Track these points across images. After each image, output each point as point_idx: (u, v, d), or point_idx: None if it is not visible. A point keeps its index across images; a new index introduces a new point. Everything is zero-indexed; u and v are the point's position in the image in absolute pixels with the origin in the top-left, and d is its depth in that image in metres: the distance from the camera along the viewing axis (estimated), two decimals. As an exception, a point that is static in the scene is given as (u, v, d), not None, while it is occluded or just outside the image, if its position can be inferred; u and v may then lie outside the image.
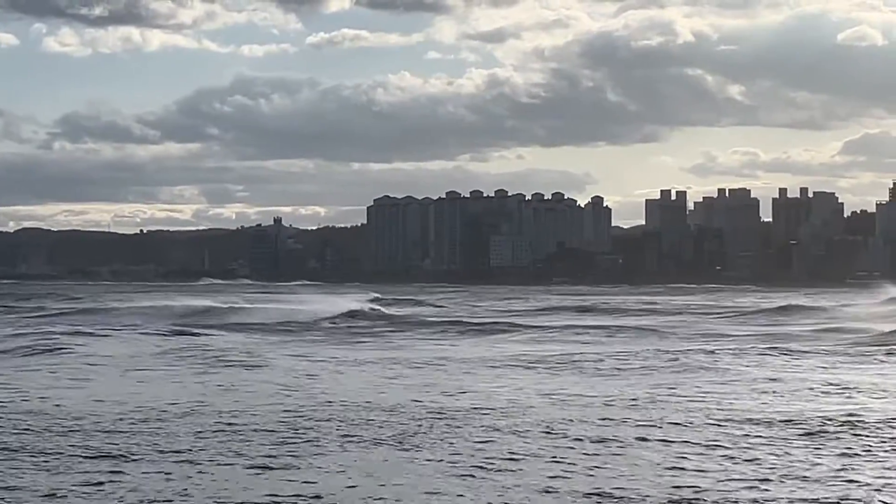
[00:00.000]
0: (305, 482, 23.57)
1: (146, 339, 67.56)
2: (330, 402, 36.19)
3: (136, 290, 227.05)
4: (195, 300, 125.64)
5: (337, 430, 30.27)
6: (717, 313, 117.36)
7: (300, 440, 28.84)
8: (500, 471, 24.61)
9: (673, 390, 39.44)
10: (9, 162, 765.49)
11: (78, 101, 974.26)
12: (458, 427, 30.47)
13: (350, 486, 23.11)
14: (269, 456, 26.64)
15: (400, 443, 28.30)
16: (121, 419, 32.26)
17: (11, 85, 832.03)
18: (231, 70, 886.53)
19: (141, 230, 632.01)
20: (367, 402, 35.92)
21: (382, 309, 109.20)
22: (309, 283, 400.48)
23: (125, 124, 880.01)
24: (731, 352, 55.83)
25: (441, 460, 25.85)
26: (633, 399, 37.00)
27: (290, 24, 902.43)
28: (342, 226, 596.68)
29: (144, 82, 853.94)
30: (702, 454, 26.72)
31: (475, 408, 34.52)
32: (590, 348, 59.97)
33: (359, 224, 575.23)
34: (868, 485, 23.42)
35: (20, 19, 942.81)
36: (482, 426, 30.70)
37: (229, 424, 31.23)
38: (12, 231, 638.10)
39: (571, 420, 31.92)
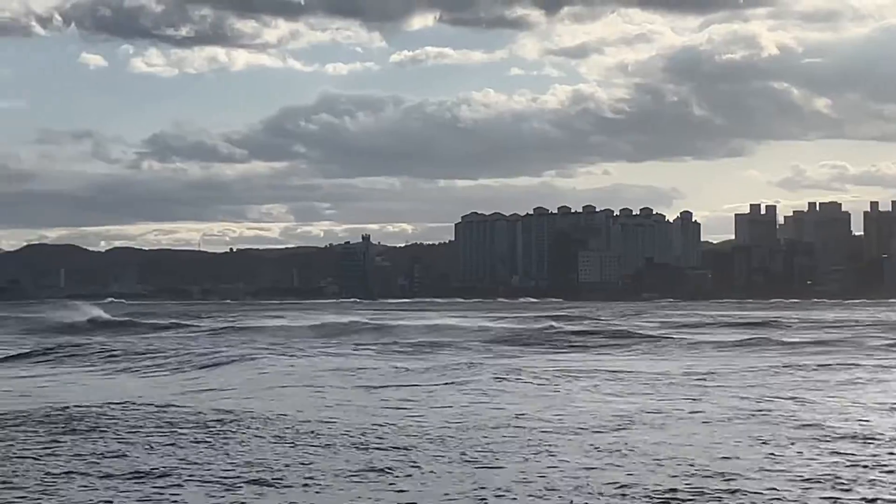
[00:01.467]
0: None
1: (375, 354, 67.87)
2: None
3: (274, 309, 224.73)
4: (351, 317, 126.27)
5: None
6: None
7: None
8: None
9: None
10: (99, 182, 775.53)
11: (165, 120, 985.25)
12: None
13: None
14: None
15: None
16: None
17: (100, 105, 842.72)
18: (316, 88, 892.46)
19: (230, 249, 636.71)
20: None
21: (563, 325, 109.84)
22: (404, 300, 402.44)
23: (212, 143, 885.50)
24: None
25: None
26: None
27: (374, 43, 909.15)
28: (430, 242, 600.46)
29: (230, 101, 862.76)
30: None
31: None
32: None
33: (447, 241, 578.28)
34: None
35: (108, 41, 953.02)
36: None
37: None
38: (104, 251, 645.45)
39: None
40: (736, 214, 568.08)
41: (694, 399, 40.36)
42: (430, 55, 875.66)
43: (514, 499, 22.06)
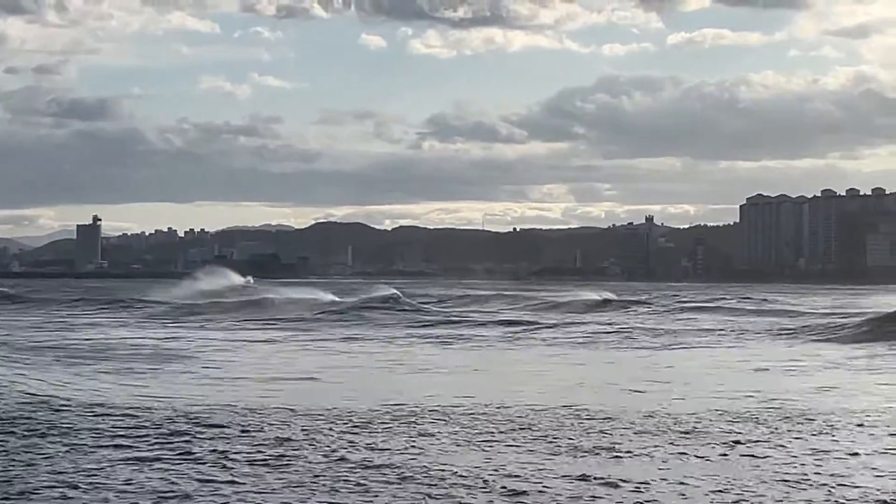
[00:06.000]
0: None
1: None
2: None
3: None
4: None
5: None
6: None
7: None
8: None
9: None
10: (382, 161, 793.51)
11: (445, 101, 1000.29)
12: None
13: None
14: None
15: None
16: None
17: (380, 86, 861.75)
18: (593, 70, 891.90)
19: (514, 228, 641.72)
20: None
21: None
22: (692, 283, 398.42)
23: (491, 124, 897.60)
24: None
25: None
26: None
27: (651, 24, 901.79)
28: (714, 224, 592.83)
29: (508, 82, 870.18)
30: None
31: None
32: None
33: (731, 223, 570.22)
34: None
35: (386, 22, 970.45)
36: None
37: None
38: (389, 229, 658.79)
39: None
40: None
41: None
42: (707, 37, 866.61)
43: None
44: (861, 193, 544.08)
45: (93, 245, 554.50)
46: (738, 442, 26.07)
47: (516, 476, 21.64)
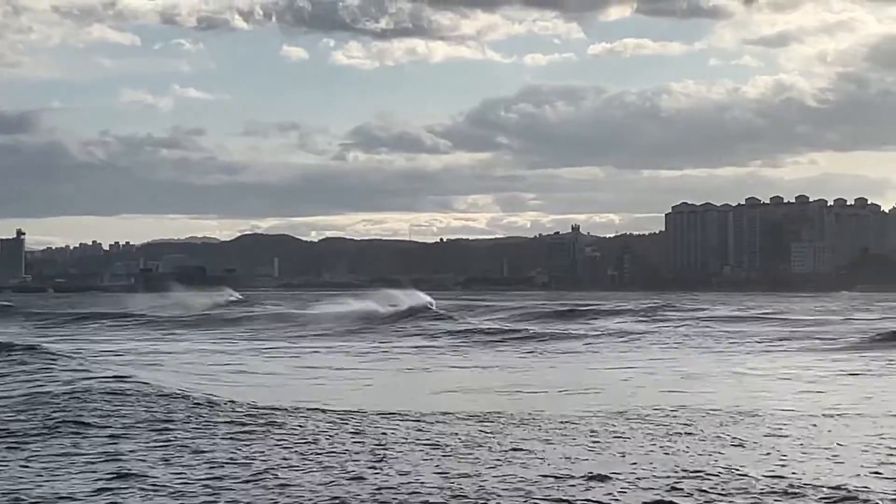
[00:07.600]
0: None
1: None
2: None
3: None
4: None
5: None
6: None
7: None
8: None
9: None
10: (307, 173, 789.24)
11: (368, 112, 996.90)
12: None
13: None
14: None
15: None
16: None
17: (303, 97, 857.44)
18: (515, 80, 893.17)
19: (440, 239, 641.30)
20: None
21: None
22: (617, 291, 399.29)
23: (416, 134, 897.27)
24: None
25: None
26: None
27: (572, 34, 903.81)
28: (639, 233, 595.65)
29: (431, 93, 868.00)
30: None
31: None
32: None
33: (656, 231, 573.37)
34: None
35: (308, 34, 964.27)
36: None
37: None
38: (316, 241, 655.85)
39: None
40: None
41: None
42: (628, 47, 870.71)
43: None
44: (785, 201, 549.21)
45: (16, 259, 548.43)
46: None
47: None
